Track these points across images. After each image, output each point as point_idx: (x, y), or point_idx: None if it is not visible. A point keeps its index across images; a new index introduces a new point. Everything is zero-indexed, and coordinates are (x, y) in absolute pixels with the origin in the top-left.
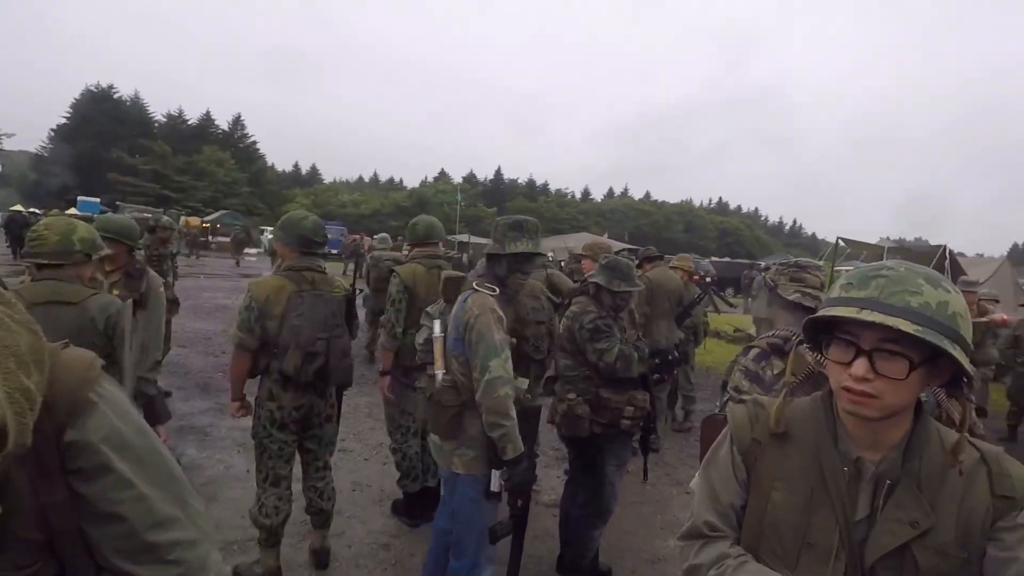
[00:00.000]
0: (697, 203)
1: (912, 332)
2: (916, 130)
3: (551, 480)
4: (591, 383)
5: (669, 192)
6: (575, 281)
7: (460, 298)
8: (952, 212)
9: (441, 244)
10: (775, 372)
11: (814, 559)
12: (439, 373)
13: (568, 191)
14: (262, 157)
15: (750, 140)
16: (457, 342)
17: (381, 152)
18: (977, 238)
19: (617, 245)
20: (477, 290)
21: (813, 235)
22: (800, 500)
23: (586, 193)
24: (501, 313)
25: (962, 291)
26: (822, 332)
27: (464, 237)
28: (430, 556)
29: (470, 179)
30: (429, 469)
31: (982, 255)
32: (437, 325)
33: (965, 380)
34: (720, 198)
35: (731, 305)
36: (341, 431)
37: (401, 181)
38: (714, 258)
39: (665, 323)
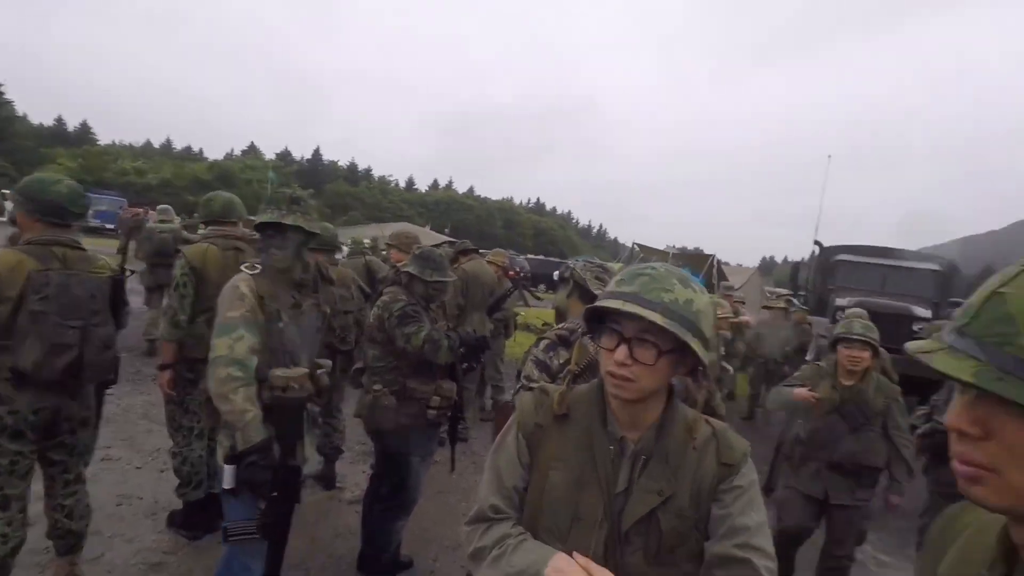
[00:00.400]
0: (517, 202)
1: (661, 323)
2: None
3: (356, 476)
4: (398, 373)
5: (492, 189)
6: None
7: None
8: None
9: (242, 224)
10: (561, 361)
11: (582, 531)
12: None
13: (392, 179)
14: (9, 104)
15: (568, 148)
16: None
17: (178, 117)
18: (739, 248)
19: (438, 237)
20: (243, 270)
21: (615, 239)
22: (572, 478)
23: (411, 183)
24: (247, 290)
25: (724, 294)
26: (599, 322)
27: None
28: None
29: (284, 157)
30: (215, 474)
31: (740, 264)
32: None
33: (701, 368)
34: (538, 199)
35: (539, 299)
36: (107, 436)
37: (201, 151)
38: (529, 255)
39: (478, 315)
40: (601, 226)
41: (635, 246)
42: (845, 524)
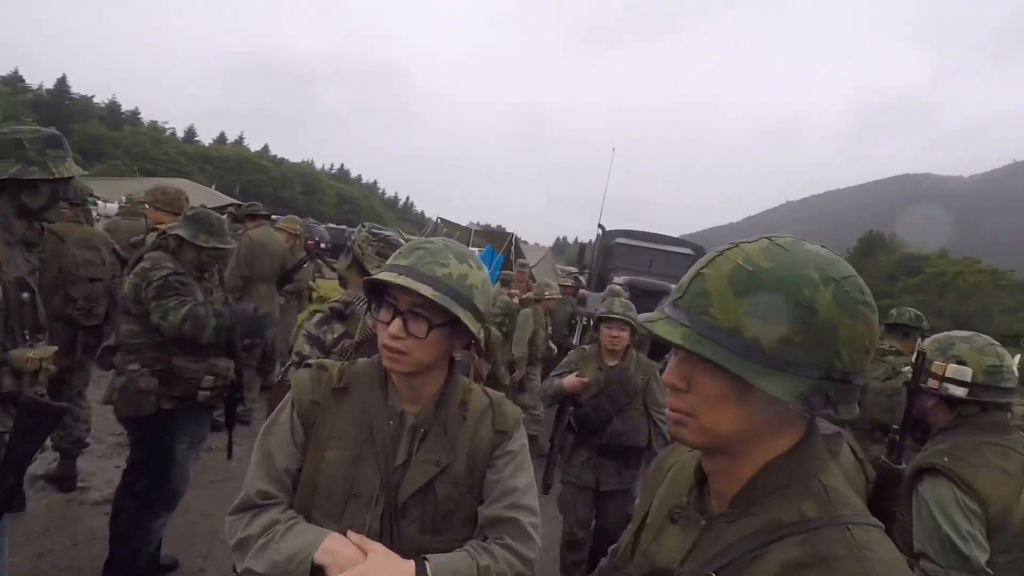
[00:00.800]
0: (319, 166)
1: (430, 296)
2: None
3: (107, 472)
4: (162, 351)
5: (291, 150)
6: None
7: None
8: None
9: None
10: (335, 335)
11: (358, 508)
12: None
13: (167, 126)
14: None
15: (378, 116)
16: None
17: None
18: (536, 228)
19: (224, 199)
20: None
21: (422, 212)
22: (350, 454)
23: (191, 133)
24: None
25: (519, 269)
26: (379, 295)
27: None
28: None
29: (13, 82)
30: None
31: (537, 244)
32: None
33: (474, 341)
34: (343, 165)
35: (335, 271)
36: None
37: None
38: (331, 224)
39: (265, 287)
40: (408, 198)
41: (439, 221)
42: (618, 512)
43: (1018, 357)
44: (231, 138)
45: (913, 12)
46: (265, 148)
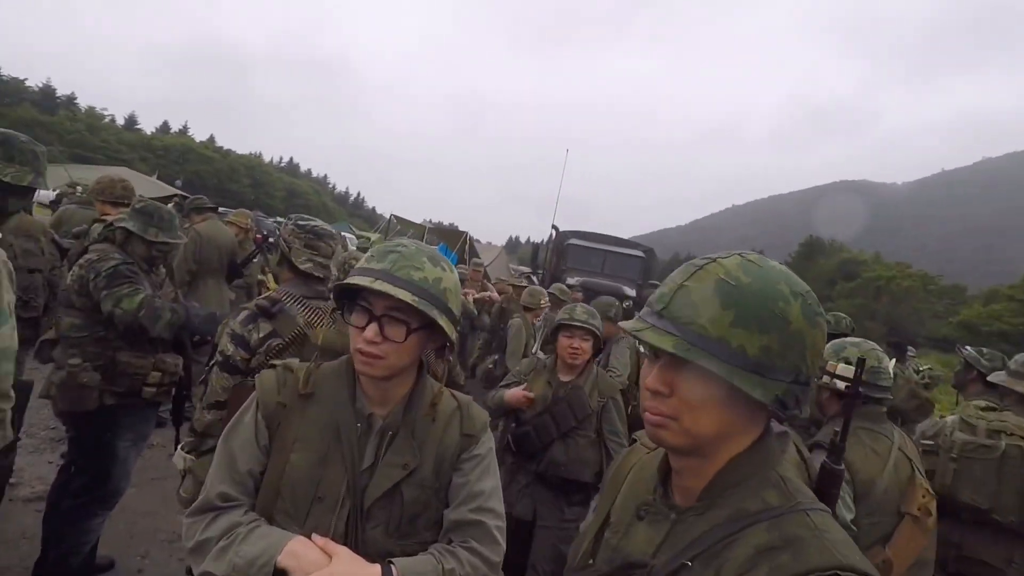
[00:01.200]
0: (268, 159)
1: (410, 302)
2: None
3: (39, 468)
4: (106, 345)
5: (237, 141)
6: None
7: None
8: (472, 206)
9: None
10: (261, 335)
11: (323, 510)
12: None
13: (106, 113)
14: None
15: (326, 108)
16: None
17: None
18: (488, 227)
19: (167, 189)
20: None
21: (373, 208)
22: (315, 457)
23: (132, 121)
24: (11, 267)
25: (474, 268)
26: (347, 299)
27: None
28: None
29: None
30: None
31: (490, 243)
32: None
33: (449, 344)
34: (292, 158)
35: None
36: None
37: None
38: (279, 218)
39: (214, 281)
40: (359, 194)
41: (393, 218)
42: (547, 548)
43: (894, 361)
44: (175, 128)
45: (846, 22)
46: (211, 139)
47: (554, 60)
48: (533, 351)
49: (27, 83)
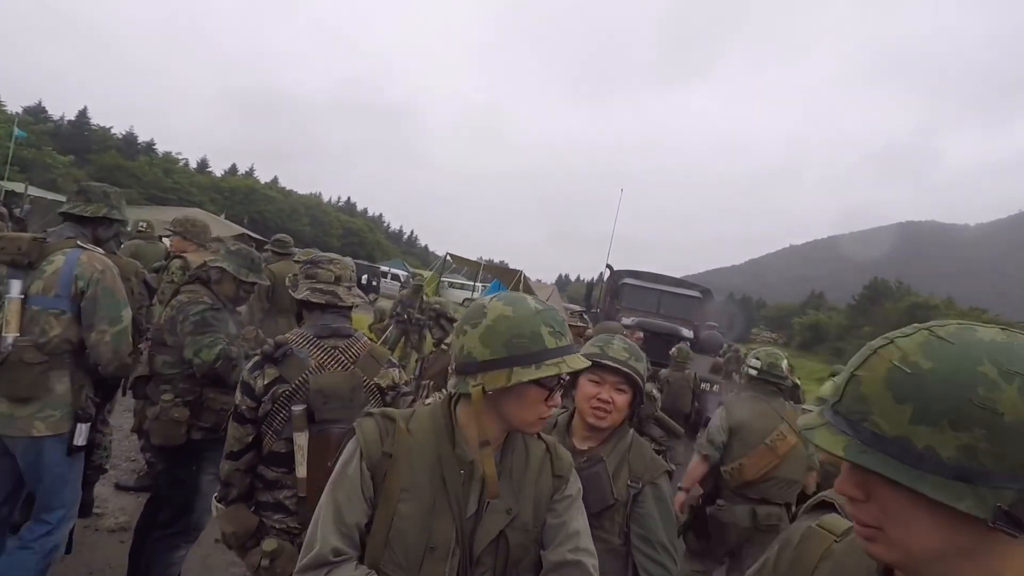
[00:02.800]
0: (327, 199)
1: (589, 363)
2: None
3: (123, 499)
4: (194, 382)
5: (299, 182)
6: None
7: (64, 255)
8: (519, 245)
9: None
10: (266, 381)
11: (435, 560)
12: (10, 336)
13: (181, 157)
14: None
15: (382, 150)
16: (60, 299)
17: None
18: (537, 265)
19: (234, 228)
20: (84, 248)
21: (426, 246)
22: (424, 507)
23: (204, 164)
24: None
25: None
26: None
27: (19, 185)
28: None
29: (37, 112)
30: None
31: (540, 280)
32: (16, 285)
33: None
34: (349, 198)
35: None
36: None
37: None
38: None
39: (284, 320)
40: (412, 232)
41: (448, 256)
42: None
43: (784, 361)
44: (242, 170)
45: (911, 60)
46: (274, 180)
47: (609, 98)
48: None
49: (112, 131)
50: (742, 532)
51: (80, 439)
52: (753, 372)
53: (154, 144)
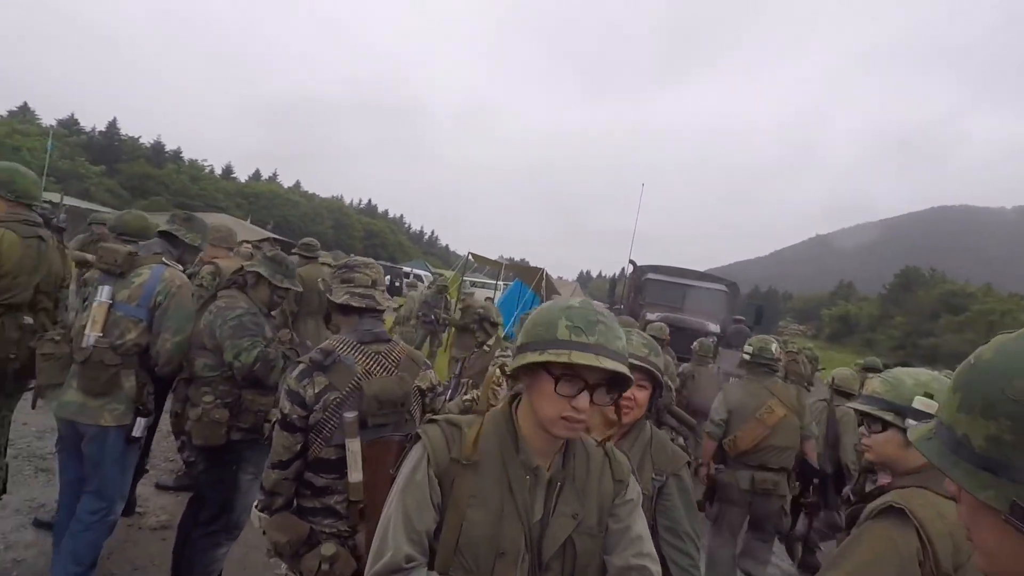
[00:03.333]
0: (348, 201)
1: (627, 375)
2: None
3: (163, 498)
4: (233, 384)
5: (321, 186)
6: None
7: (150, 270)
8: (538, 242)
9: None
10: (317, 390)
11: (505, 566)
12: (93, 335)
13: (206, 164)
14: None
15: (401, 150)
16: (140, 309)
17: None
18: (558, 262)
19: (259, 232)
20: (168, 264)
21: (446, 246)
22: (493, 513)
23: (228, 170)
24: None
25: None
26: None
27: (55, 196)
28: (65, 509)
29: (69, 124)
30: None
31: (561, 277)
32: (106, 291)
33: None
34: (370, 200)
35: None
36: None
37: None
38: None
39: (313, 322)
40: (433, 232)
41: (470, 255)
42: None
43: (774, 345)
44: (265, 175)
45: (935, 43)
46: (297, 184)
47: (624, 90)
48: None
49: (141, 140)
50: (742, 493)
51: (138, 431)
52: (747, 356)
53: (181, 152)
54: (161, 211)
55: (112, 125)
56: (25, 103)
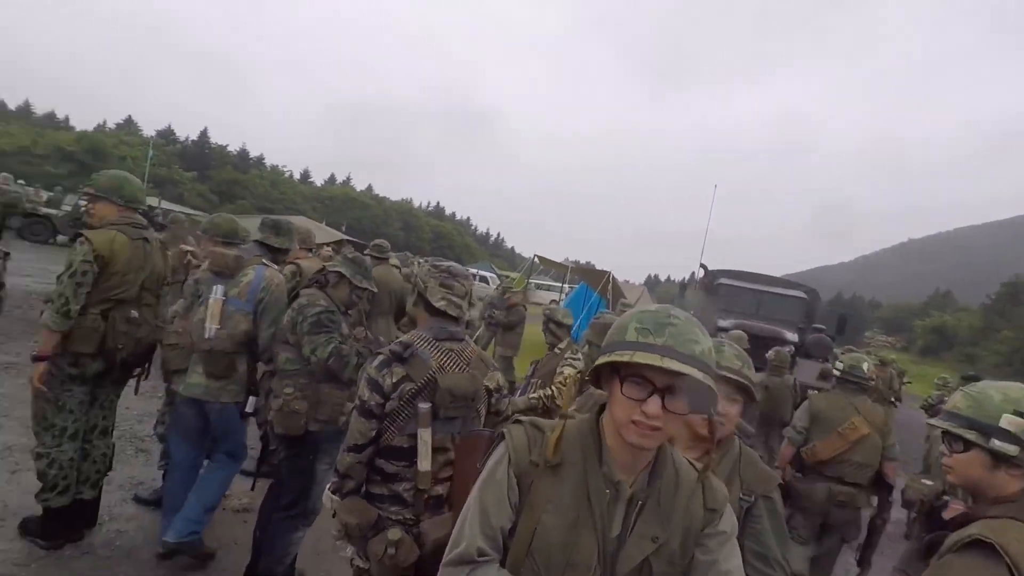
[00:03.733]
0: (417, 204)
1: (700, 379)
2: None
3: (243, 483)
4: (313, 378)
5: (391, 189)
6: None
7: (254, 270)
8: (606, 245)
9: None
10: (395, 379)
11: None
12: (213, 327)
13: (286, 169)
14: None
15: (470, 153)
16: (248, 303)
17: (42, 78)
18: (625, 265)
19: (334, 234)
20: (269, 266)
21: (512, 248)
22: (568, 521)
23: (306, 175)
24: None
25: (622, 311)
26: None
27: (153, 200)
28: (177, 486)
29: (166, 135)
30: (89, 478)
31: (628, 281)
32: (220, 289)
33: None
34: (438, 202)
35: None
36: None
37: (67, 119)
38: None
39: (384, 321)
40: (499, 234)
41: (536, 258)
42: None
43: (866, 364)
44: (340, 179)
45: None
46: (369, 188)
47: (696, 91)
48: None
49: (228, 148)
50: (818, 503)
51: (250, 407)
52: (837, 372)
53: (263, 158)
54: (246, 214)
55: (203, 134)
56: (129, 116)
